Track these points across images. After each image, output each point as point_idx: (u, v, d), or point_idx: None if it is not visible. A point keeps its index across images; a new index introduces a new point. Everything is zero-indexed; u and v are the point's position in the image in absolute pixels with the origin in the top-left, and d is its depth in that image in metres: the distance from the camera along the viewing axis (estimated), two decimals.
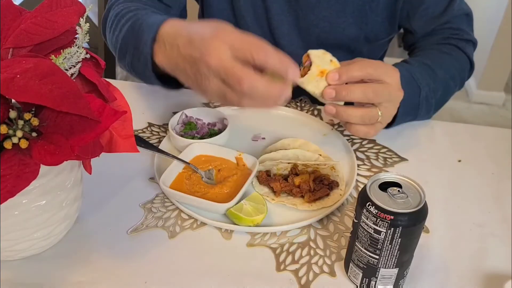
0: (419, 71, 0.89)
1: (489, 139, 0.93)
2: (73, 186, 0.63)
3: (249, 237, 0.69)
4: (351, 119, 0.76)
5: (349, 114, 0.76)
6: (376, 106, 0.76)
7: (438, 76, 0.92)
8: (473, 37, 1.03)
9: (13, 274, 0.63)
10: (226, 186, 0.75)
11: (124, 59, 0.81)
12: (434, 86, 0.90)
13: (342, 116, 0.76)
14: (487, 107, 2.89)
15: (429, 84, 0.89)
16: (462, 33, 1.01)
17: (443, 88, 0.93)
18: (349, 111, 0.76)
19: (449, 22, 1.01)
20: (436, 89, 0.91)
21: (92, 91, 0.58)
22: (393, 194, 0.56)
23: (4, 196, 0.49)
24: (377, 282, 0.60)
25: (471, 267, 0.67)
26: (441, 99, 0.95)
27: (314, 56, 0.74)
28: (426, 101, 0.89)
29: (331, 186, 0.76)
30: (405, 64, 0.91)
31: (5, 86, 0.48)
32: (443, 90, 0.94)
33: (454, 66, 0.97)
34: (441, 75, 0.93)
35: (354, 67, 0.74)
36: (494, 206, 0.77)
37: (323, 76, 0.74)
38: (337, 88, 0.73)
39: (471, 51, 1.02)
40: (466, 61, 1.01)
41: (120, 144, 0.60)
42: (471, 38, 1.02)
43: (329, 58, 0.75)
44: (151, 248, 0.67)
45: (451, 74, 0.96)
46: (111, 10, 0.89)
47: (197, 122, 0.89)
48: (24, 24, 0.56)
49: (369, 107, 0.76)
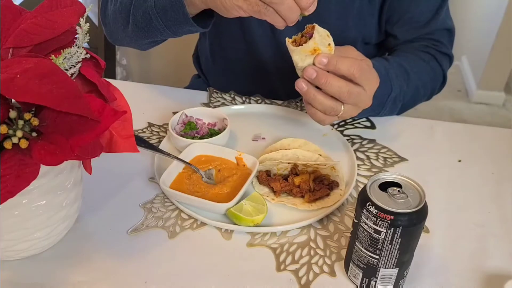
0: (395, 73, 0.90)
1: (489, 139, 0.93)
2: (73, 186, 0.63)
3: (249, 237, 0.69)
4: (315, 104, 0.77)
5: (317, 99, 0.76)
6: (342, 103, 0.77)
7: (411, 81, 0.94)
8: (451, 52, 1.06)
9: (13, 274, 0.63)
10: (226, 186, 0.75)
11: (137, 12, 0.85)
12: (406, 90, 0.92)
13: (309, 97, 0.77)
14: (487, 107, 2.88)
15: (402, 86, 0.91)
16: (442, 46, 1.03)
17: (412, 93, 0.95)
18: (318, 96, 0.76)
19: (430, 34, 1.03)
20: (406, 93, 0.93)
21: (92, 91, 0.58)
22: (393, 194, 0.56)
23: (4, 196, 0.49)
24: (377, 282, 0.60)
25: (471, 267, 0.67)
26: (407, 104, 0.97)
27: (317, 33, 0.74)
28: (393, 103, 0.91)
29: (331, 186, 0.76)
30: (384, 62, 0.91)
31: (5, 86, 0.48)
32: (412, 95, 0.96)
33: (429, 75, 1.00)
34: (414, 81, 0.95)
35: (344, 62, 0.74)
36: (494, 206, 0.77)
37: (313, 54, 0.74)
38: (319, 72, 0.74)
39: (446, 65, 1.05)
40: (440, 73, 1.03)
41: (120, 143, 0.60)
42: (448, 52, 1.05)
43: (328, 42, 0.75)
44: (151, 248, 0.67)
45: (423, 82, 0.98)
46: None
47: (197, 122, 0.89)
48: (24, 24, 0.56)
49: (335, 101, 0.77)
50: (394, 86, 0.89)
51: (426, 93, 1.02)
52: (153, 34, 0.86)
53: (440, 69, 1.03)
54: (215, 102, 1.00)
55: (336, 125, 0.94)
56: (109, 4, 0.94)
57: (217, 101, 1.00)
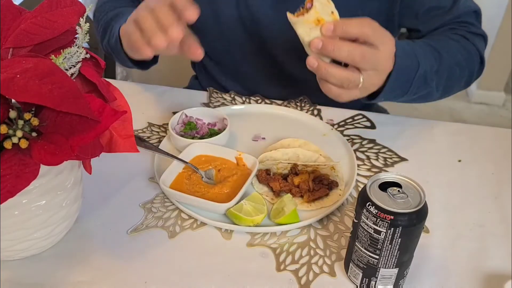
0: (422, 50, 0.82)
1: (489, 139, 0.93)
2: (73, 186, 0.63)
3: (249, 237, 0.69)
4: (329, 78, 0.71)
5: (329, 72, 0.70)
6: (360, 72, 0.71)
7: (443, 59, 0.84)
8: (483, 31, 0.96)
9: (13, 274, 0.63)
10: (226, 186, 0.75)
11: (103, 39, 0.95)
12: (438, 68, 0.83)
13: (322, 72, 0.70)
14: (487, 107, 2.88)
15: (432, 65, 0.82)
16: (471, 27, 0.94)
17: (447, 73, 0.86)
18: (330, 69, 0.70)
19: (456, 18, 0.94)
20: (440, 72, 0.84)
21: (92, 91, 0.58)
22: (393, 194, 0.56)
23: (4, 196, 0.49)
24: (377, 282, 0.60)
25: (471, 267, 0.67)
26: (445, 86, 0.87)
27: (317, 2, 0.69)
28: (423, 81, 0.81)
29: (330, 186, 0.76)
30: (407, 41, 0.84)
31: (5, 86, 0.48)
32: (448, 75, 0.86)
33: (462, 54, 0.89)
34: (446, 59, 0.85)
35: (352, 22, 0.69)
36: (494, 206, 0.77)
37: (318, 25, 0.69)
38: (325, 40, 0.68)
39: (481, 45, 0.94)
40: (476, 53, 0.93)
41: (120, 143, 0.60)
42: (480, 32, 0.95)
43: (331, 10, 0.70)
44: (151, 248, 0.67)
45: (457, 61, 0.88)
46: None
47: (197, 122, 0.89)
48: (24, 24, 0.56)
49: (352, 71, 0.71)
50: (421, 62, 0.80)
51: (463, 75, 0.90)
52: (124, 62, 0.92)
53: (475, 49, 0.92)
54: (215, 102, 1.00)
55: (336, 125, 0.94)
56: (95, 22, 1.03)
57: (217, 101, 1.00)
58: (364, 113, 0.97)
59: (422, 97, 0.86)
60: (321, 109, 0.98)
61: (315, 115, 0.97)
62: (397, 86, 0.78)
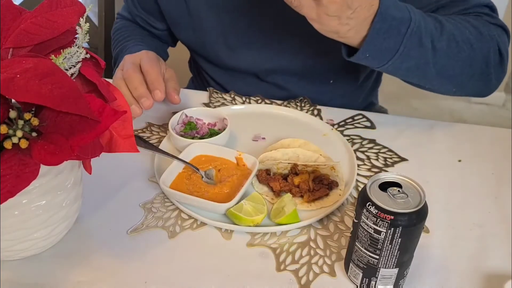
0: (420, 14, 0.75)
1: (489, 139, 0.93)
2: (73, 186, 0.63)
3: (249, 237, 0.69)
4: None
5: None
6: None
7: (444, 28, 0.77)
8: (502, 23, 0.86)
9: (13, 274, 0.63)
10: (226, 186, 0.75)
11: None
12: (435, 33, 0.76)
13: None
14: (487, 107, 2.88)
15: (430, 28, 0.75)
16: (485, 16, 0.86)
17: (447, 43, 0.77)
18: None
19: (469, 9, 0.86)
20: (437, 38, 0.75)
21: (92, 91, 0.58)
22: (393, 194, 0.56)
23: (4, 196, 0.49)
24: (377, 282, 0.60)
25: (471, 267, 0.67)
26: (449, 63, 0.78)
27: None
28: (417, 41, 0.73)
29: (330, 186, 0.76)
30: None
31: (5, 86, 0.48)
32: (448, 46, 0.78)
33: (470, 32, 0.80)
34: (449, 29, 0.77)
35: None
36: (494, 206, 0.77)
37: None
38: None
39: (502, 36, 0.85)
40: (492, 39, 0.82)
41: (120, 143, 0.60)
42: (498, 23, 0.86)
43: None
44: (151, 248, 0.67)
45: (465, 37, 0.79)
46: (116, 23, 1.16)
47: (197, 122, 0.89)
48: (24, 24, 0.56)
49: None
50: (414, 17, 0.73)
51: (475, 58, 0.80)
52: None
53: (491, 34, 0.82)
54: (215, 102, 1.00)
55: (336, 125, 0.94)
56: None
57: (217, 101, 1.00)
58: (364, 113, 0.97)
59: (417, 69, 0.78)
60: (321, 109, 0.98)
61: (315, 115, 0.97)
62: (384, 36, 0.71)
